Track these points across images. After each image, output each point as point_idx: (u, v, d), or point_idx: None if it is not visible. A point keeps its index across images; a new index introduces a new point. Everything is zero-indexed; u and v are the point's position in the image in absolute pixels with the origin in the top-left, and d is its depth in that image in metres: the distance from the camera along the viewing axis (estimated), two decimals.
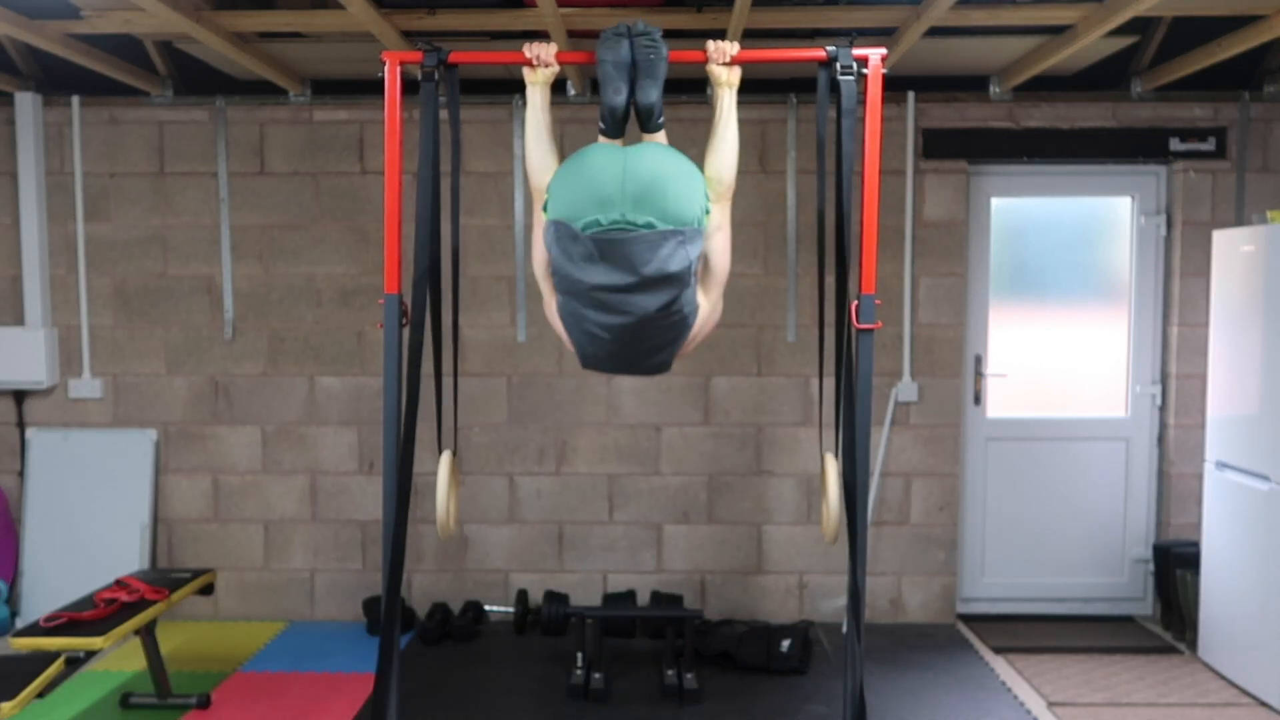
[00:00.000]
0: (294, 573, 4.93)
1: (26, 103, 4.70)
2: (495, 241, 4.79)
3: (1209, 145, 4.70)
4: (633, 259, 2.48)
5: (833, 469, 2.95)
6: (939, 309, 4.80)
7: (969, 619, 4.91)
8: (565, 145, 2.85)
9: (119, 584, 3.80)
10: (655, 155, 2.55)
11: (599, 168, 2.51)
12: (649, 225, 2.47)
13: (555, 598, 4.75)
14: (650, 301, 2.54)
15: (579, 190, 2.51)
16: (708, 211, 2.58)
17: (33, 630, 3.37)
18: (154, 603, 3.69)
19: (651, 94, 2.63)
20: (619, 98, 2.62)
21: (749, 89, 2.93)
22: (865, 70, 2.79)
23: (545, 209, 2.62)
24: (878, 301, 2.83)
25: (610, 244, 2.47)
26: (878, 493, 4.82)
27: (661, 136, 2.76)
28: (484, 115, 4.74)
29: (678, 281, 2.53)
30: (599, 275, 2.51)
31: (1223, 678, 4.16)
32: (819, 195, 2.97)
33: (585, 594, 4.89)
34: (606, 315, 2.58)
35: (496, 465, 4.87)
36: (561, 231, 2.52)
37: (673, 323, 2.62)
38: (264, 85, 4.66)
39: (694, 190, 2.55)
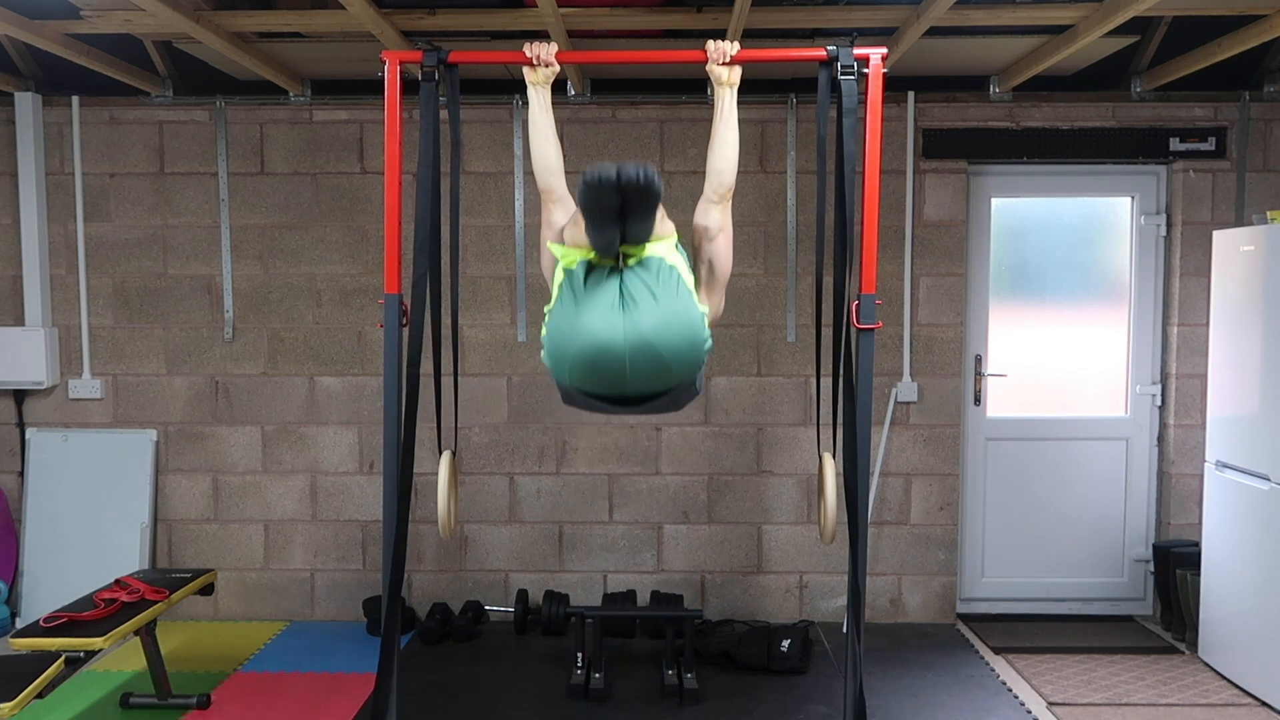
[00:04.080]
0: (294, 573, 4.93)
1: (26, 103, 4.70)
2: (495, 241, 4.79)
3: (1209, 145, 4.70)
4: (644, 410, 2.53)
5: (830, 468, 2.95)
6: (939, 309, 4.80)
7: (969, 619, 4.91)
8: (566, 145, 2.85)
9: (119, 584, 3.80)
10: (654, 328, 2.34)
11: (597, 355, 2.34)
12: (655, 394, 2.46)
13: (555, 598, 4.75)
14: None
15: (579, 371, 2.40)
16: (709, 343, 2.48)
17: (33, 630, 3.37)
18: (154, 603, 3.69)
19: (641, 231, 2.40)
20: (611, 249, 2.42)
21: (749, 89, 2.93)
22: (865, 70, 2.80)
23: (543, 357, 2.51)
24: (878, 301, 2.84)
25: (621, 405, 2.49)
26: (878, 493, 4.82)
27: (656, 242, 2.52)
28: (484, 115, 4.74)
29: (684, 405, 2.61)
30: (610, 411, 2.55)
31: (1223, 678, 4.16)
32: (819, 195, 2.97)
33: (585, 594, 4.89)
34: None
35: (496, 465, 4.87)
36: (567, 388, 2.49)
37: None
38: (264, 85, 4.66)
39: (696, 344, 2.42)
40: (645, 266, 2.42)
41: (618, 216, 2.32)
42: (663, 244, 2.47)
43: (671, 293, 2.39)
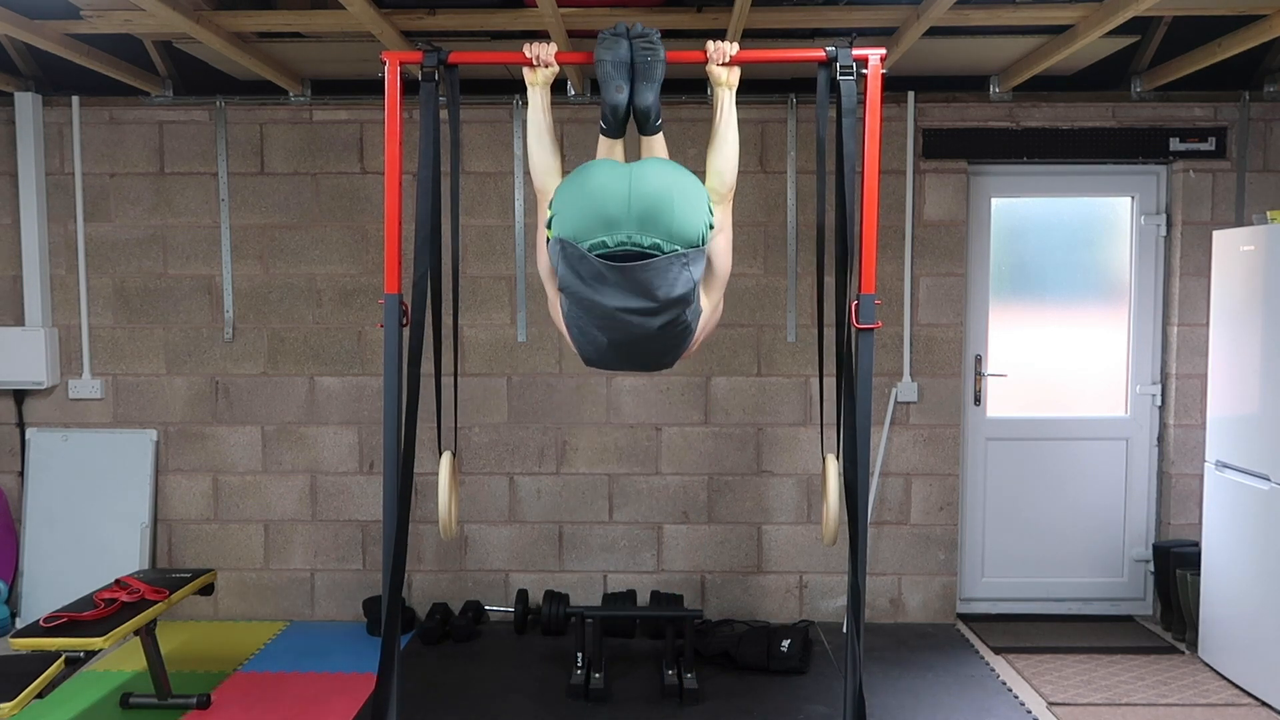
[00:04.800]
0: (294, 573, 4.93)
1: (26, 103, 4.70)
2: (495, 241, 4.79)
3: (1209, 145, 4.70)
4: (642, 284, 2.47)
5: (833, 470, 2.95)
6: (939, 309, 4.80)
7: (969, 619, 4.92)
8: (566, 145, 2.85)
9: (119, 584, 3.80)
10: (659, 173, 2.49)
11: (603, 187, 2.45)
12: (655, 247, 2.43)
13: (555, 598, 4.76)
14: (655, 321, 2.55)
15: (584, 210, 2.46)
16: (711, 226, 2.54)
17: (33, 630, 3.37)
18: (154, 603, 3.70)
19: (648, 96, 2.63)
20: (620, 96, 2.62)
21: (749, 89, 2.94)
22: (865, 70, 2.80)
23: (549, 225, 2.56)
24: (878, 301, 2.84)
25: (619, 269, 2.45)
26: (878, 492, 4.83)
27: (660, 140, 2.73)
28: (484, 115, 4.74)
29: (682, 302, 2.54)
30: (609, 297, 2.50)
31: (1223, 678, 4.16)
32: (819, 195, 2.97)
33: (585, 594, 4.89)
34: (612, 331, 2.59)
35: (496, 465, 4.87)
36: (568, 250, 2.48)
37: (676, 334, 2.63)
38: (264, 85, 4.67)
39: (698, 207, 2.50)
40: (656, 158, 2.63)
41: (627, 73, 2.60)
42: None
43: (680, 166, 2.57)
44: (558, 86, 3.31)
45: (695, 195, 2.51)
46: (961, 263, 4.80)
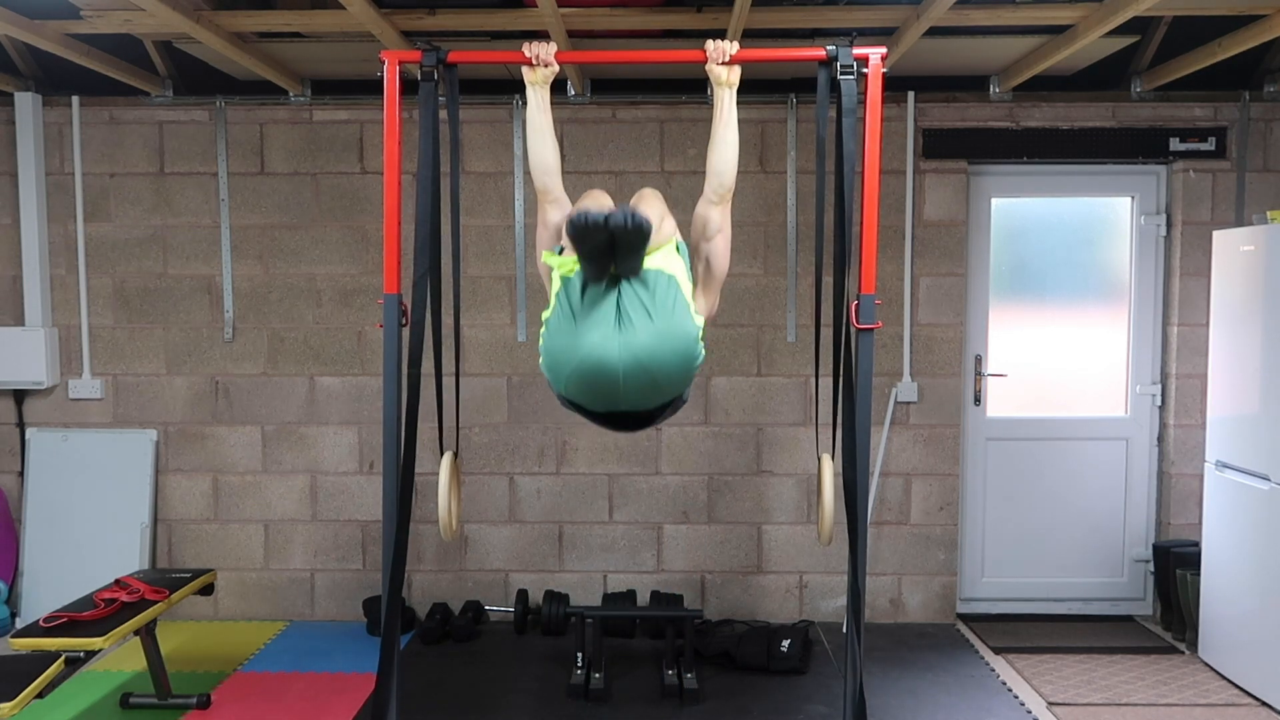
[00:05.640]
0: (294, 573, 4.93)
1: (26, 103, 4.70)
2: (495, 241, 4.79)
3: (1209, 145, 4.70)
4: (633, 430, 2.60)
5: (828, 470, 2.95)
6: (939, 309, 4.80)
7: (969, 619, 4.91)
8: (565, 145, 2.85)
9: (119, 584, 3.80)
10: (651, 347, 2.34)
11: (594, 369, 2.35)
12: (654, 411, 2.51)
13: (555, 598, 4.76)
14: (652, 426, 2.65)
15: (578, 385, 2.41)
16: (700, 356, 2.50)
17: (33, 630, 3.37)
18: (154, 603, 3.70)
19: (631, 266, 2.38)
20: (601, 278, 2.37)
21: (749, 89, 2.93)
22: (865, 70, 2.80)
23: (539, 354, 2.51)
24: (877, 301, 2.84)
25: (612, 423, 2.55)
26: (878, 493, 4.82)
27: (654, 252, 2.49)
28: (484, 115, 4.74)
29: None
30: (610, 422, 2.58)
31: (1223, 678, 4.16)
32: (818, 195, 2.97)
33: (585, 594, 4.89)
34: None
35: (496, 465, 4.87)
36: (566, 403, 2.55)
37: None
38: (264, 85, 4.67)
39: (689, 363, 2.44)
40: (642, 281, 2.41)
41: (607, 252, 2.33)
42: (661, 252, 2.49)
43: (668, 310, 2.39)
44: (557, 86, 3.31)
45: (686, 355, 2.42)
46: (961, 263, 4.80)
